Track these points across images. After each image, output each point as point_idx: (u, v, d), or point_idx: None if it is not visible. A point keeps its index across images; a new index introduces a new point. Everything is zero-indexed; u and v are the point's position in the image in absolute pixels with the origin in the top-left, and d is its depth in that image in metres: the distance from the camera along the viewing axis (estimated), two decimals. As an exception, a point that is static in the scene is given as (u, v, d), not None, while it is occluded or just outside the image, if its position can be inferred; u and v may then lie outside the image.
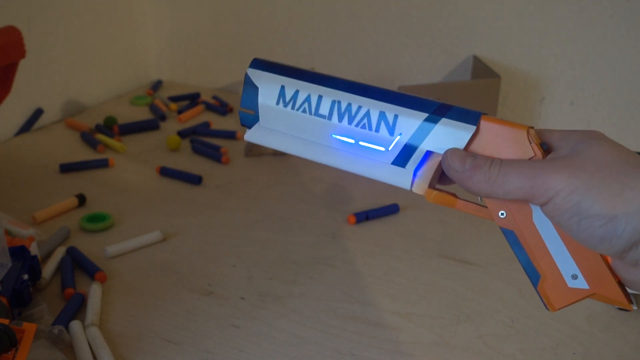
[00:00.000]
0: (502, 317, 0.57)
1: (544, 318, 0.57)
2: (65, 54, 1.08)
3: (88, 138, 0.96)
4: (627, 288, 0.34)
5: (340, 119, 0.38)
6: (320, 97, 0.39)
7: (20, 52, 0.74)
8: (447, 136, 0.36)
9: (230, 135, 1.00)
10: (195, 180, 0.83)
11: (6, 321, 0.43)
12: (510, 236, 0.35)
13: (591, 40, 0.95)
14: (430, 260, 0.66)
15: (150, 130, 1.02)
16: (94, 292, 0.58)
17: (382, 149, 0.38)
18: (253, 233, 0.71)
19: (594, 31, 0.94)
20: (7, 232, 0.66)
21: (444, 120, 0.36)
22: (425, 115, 0.36)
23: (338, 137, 0.39)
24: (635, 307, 0.57)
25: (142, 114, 1.11)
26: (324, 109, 0.39)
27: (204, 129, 1.01)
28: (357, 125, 0.38)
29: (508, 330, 0.56)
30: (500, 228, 0.35)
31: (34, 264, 0.57)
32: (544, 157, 0.34)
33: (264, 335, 0.54)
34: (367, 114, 0.38)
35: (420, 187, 0.37)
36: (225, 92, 1.24)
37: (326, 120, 0.39)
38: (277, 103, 0.40)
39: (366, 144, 0.38)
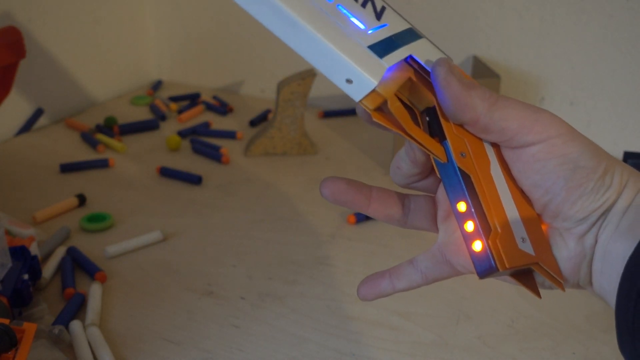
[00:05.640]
0: (501, 317, 0.57)
1: (544, 318, 0.57)
2: (65, 54, 1.08)
3: (88, 138, 0.97)
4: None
5: None
6: None
7: (21, 52, 0.74)
8: (432, 54, 0.32)
9: (230, 135, 1.00)
10: (195, 180, 0.84)
11: (6, 321, 0.43)
12: (467, 180, 0.31)
13: (591, 40, 0.95)
14: (430, 260, 0.66)
15: (150, 130, 1.03)
16: (94, 292, 0.58)
17: (362, 26, 0.31)
18: (253, 233, 0.71)
19: (594, 31, 0.94)
20: (8, 232, 0.66)
21: (425, 40, 0.32)
22: (409, 25, 0.32)
23: None
24: None
25: (142, 114, 1.11)
26: None
27: (204, 129, 1.01)
28: None
29: (508, 330, 0.56)
30: (458, 169, 0.31)
31: (34, 264, 0.57)
32: None
33: (264, 335, 0.54)
34: None
35: (387, 89, 0.30)
36: (225, 92, 1.24)
37: None
38: None
39: (345, 11, 0.30)
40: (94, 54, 1.15)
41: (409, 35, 0.32)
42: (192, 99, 1.18)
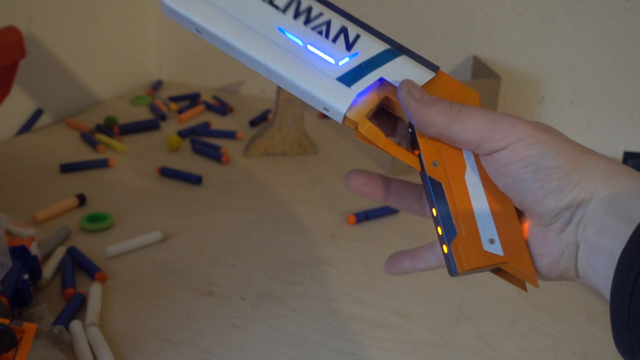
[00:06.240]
0: (501, 317, 0.57)
1: (544, 318, 0.57)
2: (65, 54, 1.08)
3: (88, 138, 0.97)
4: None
5: (296, 17, 0.34)
6: None
7: (21, 52, 0.74)
8: (405, 72, 0.34)
9: (230, 135, 1.00)
10: (195, 180, 0.84)
11: (6, 321, 0.43)
12: (437, 188, 0.33)
13: (591, 40, 0.95)
14: (430, 260, 0.66)
15: (150, 130, 1.03)
16: (94, 292, 0.58)
17: (332, 60, 0.34)
18: (253, 233, 0.71)
19: (594, 31, 0.94)
20: (8, 232, 0.66)
21: (404, 57, 0.34)
22: (387, 46, 0.34)
23: (285, 32, 0.34)
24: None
25: (142, 114, 1.11)
26: (281, 2, 0.34)
27: (204, 129, 1.02)
28: (312, 29, 0.34)
29: (508, 330, 0.56)
30: (429, 177, 0.34)
31: (34, 264, 0.57)
32: None
33: (264, 335, 0.54)
34: (328, 23, 0.34)
35: (357, 113, 0.33)
36: (225, 92, 1.24)
37: (278, 12, 0.34)
38: None
39: (315, 50, 0.34)
40: (94, 54, 1.15)
41: (384, 57, 0.34)
42: (192, 99, 1.18)
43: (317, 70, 0.33)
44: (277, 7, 0.34)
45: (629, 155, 0.76)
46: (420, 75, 0.34)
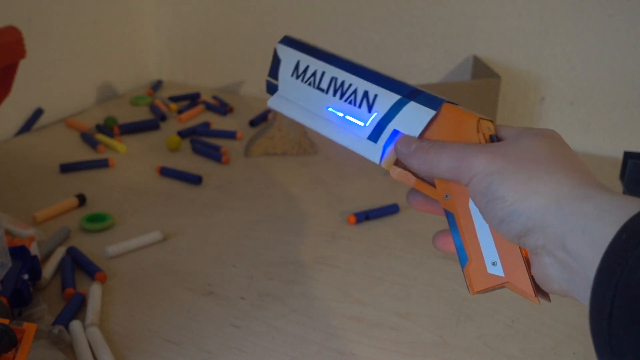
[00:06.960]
0: (502, 317, 0.57)
1: (544, 318, 0.57)
2: (65, 54, 1.08)
3: (88, 138, 0.97)
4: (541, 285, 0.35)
5: (335, 93, 0.43)
6: (323, 73, 0.43)
7: (20, 52, 0.74)
8: (411, 117, 0.39)
9: (230, 135, 1.00)
10: (195, 180, 0.83)
11: (6, 321, 0.43)
12: (450, 218, 0.37)
13: (591, 40, 0.95)
14: (430, 260, 0.66)
15: (150, 130, 1.03)
16: (94, 292, 0.58)
17: (362, 124, 0.41)
18: (253, 233, 0.71)
19: (594, 31, 0.94)
20: (8, 232, 0.66)
21: (412, 103, 0.39)
22: (398, 97, 0.39)
23: (331, 109, 0.43)
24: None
25: (142, 114, 1.11)
26: (324, 84, 0.43)
27: (204, 129, 1.02)
28: (345, 101, 0.42)
29: (508, 330, 0.56)
30: (444, 209, 0.37)
31: (34, 264, 0.57)
32: None
33: (264, 335, 0.54)
34: (355, 91, 0.42)
35: (387, 162, 0.40)
36: (225, 92, 1.24)
37: (324, 94, 0.43)
38: (292, 75, 0.45)
39: (351, 118, 0.42)
40: (94, 54, 1.15)
41: (396, 109, 0.39)
42: (192, 99, 1.18)
43: (355, 134, 0.41)
44: (322, 90, 0.43)
45: (629, 155, 0.76)
46: (421, 119, 0.38)
